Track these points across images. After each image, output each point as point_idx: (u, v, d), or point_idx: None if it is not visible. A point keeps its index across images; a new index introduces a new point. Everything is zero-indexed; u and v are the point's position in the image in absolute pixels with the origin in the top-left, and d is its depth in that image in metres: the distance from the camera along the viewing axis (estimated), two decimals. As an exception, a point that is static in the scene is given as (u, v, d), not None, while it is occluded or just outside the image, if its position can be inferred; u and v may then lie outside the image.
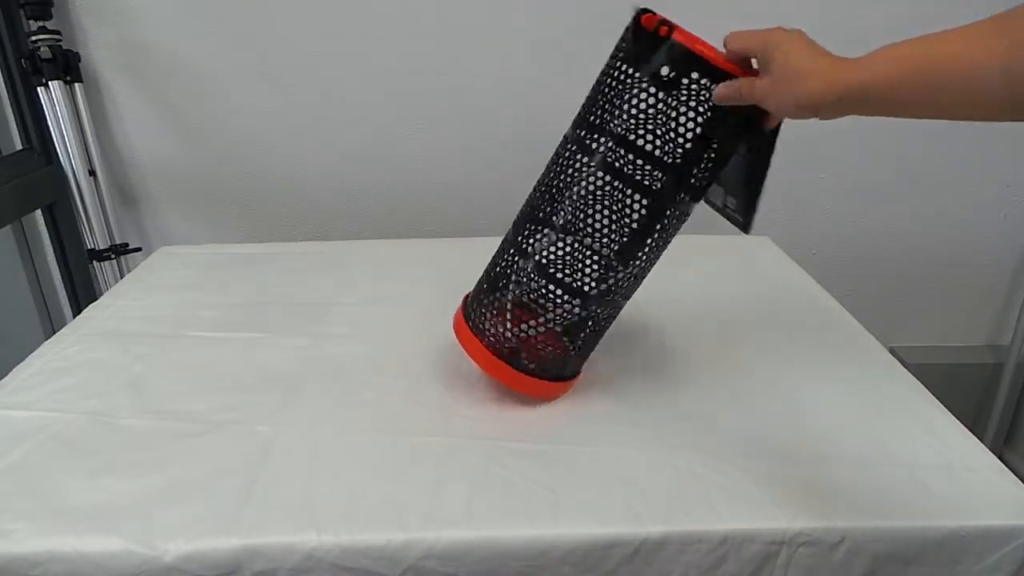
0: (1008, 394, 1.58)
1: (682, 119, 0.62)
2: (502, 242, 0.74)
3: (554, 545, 0.58)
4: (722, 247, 1.17)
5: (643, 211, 0.65)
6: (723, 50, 0.60)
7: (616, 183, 0.65)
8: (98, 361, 0.85)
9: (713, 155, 0.64)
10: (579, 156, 0.66)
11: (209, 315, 0.96)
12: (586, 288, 0.69)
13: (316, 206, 1.47)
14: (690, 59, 0.60)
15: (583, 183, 0.66)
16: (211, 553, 0.57)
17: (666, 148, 0.63)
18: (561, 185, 0.68)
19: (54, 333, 0.92)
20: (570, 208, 0.67)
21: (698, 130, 0.62)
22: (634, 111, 0.63)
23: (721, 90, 0.59)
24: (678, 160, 0.63)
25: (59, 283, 1.46)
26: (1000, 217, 1.52)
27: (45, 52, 1.23)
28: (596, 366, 0.81)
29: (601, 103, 0.65)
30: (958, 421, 0.74)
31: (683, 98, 0.61)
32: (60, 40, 1.26)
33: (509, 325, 0.72)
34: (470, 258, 0.81)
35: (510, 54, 1.35)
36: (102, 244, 1.38)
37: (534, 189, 0.72)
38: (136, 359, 0.85)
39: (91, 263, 1.41)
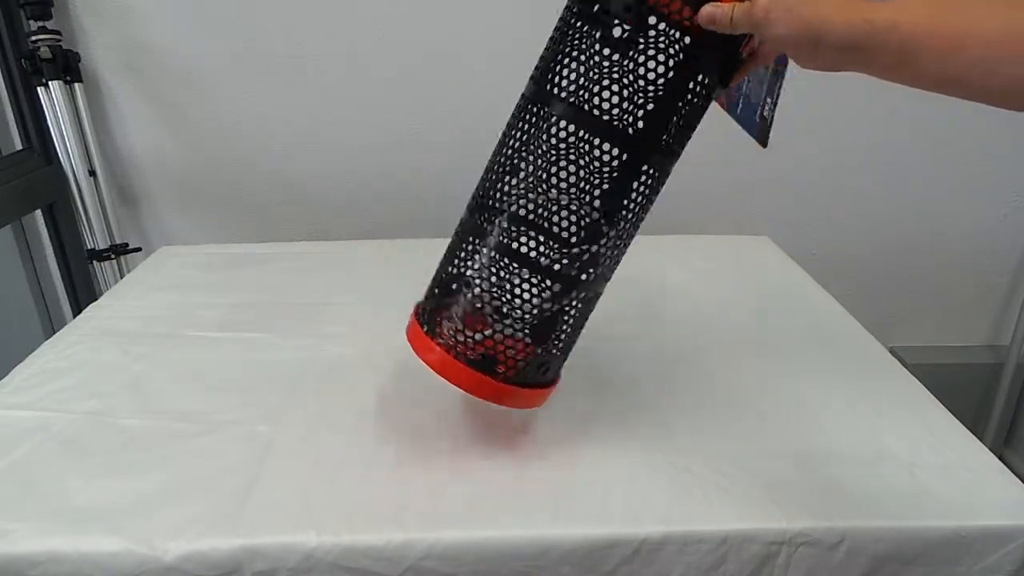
0: (1008, 394, 1.58)
1: (658, 54, 0.55)
2: (458, 230, 0.65)
3: (554, 545, 0.58)
4: (722, 247, 1.17)
5: (618, 162, 0.58)
6: None
7: (582, 132, 0.57)
8: (98, 361, 0.85)
9: (690, 95, 0.57)
10: (539, 107, 0.59)
11: (209, 315, 0.96)
12: (561, 269, 0.62)
13: (316, 206, 1.47)
14: None
15: (545, 138, 0.58)
16: (211, 553, 0.57)
17: (638, 85, 0.56)
18: (522, 149, 0.60)
19: (54, 333, 0.92)
20: (533, 173, 0.59)
21: (673, 62, 0.55)
22: (603, 44, 0.55)
23: (709, 9, 0.51)
24: (651, 101, 0.56)
25: (59, 283, 1.46)
26: (1000, 217, 1.52)
27: (45, 52, 1.23)
28: (595, 366, 0.81)
29: (562, 44, 0.58)
30: (958, 421, 0.74)
31: (658, 29, 0.54)
32: (60, 40, 1.25)
33: (479, 327, 0.63)
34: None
35: (512, 53, 1.35)
36: (102, 244, 1.38)
37: (489, 165, 0.64)
38: (136, 359, 0.85)
39: (91, 263, 1.41)
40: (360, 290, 1.04)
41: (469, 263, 0.64)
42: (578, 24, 0.57)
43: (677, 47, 0.55)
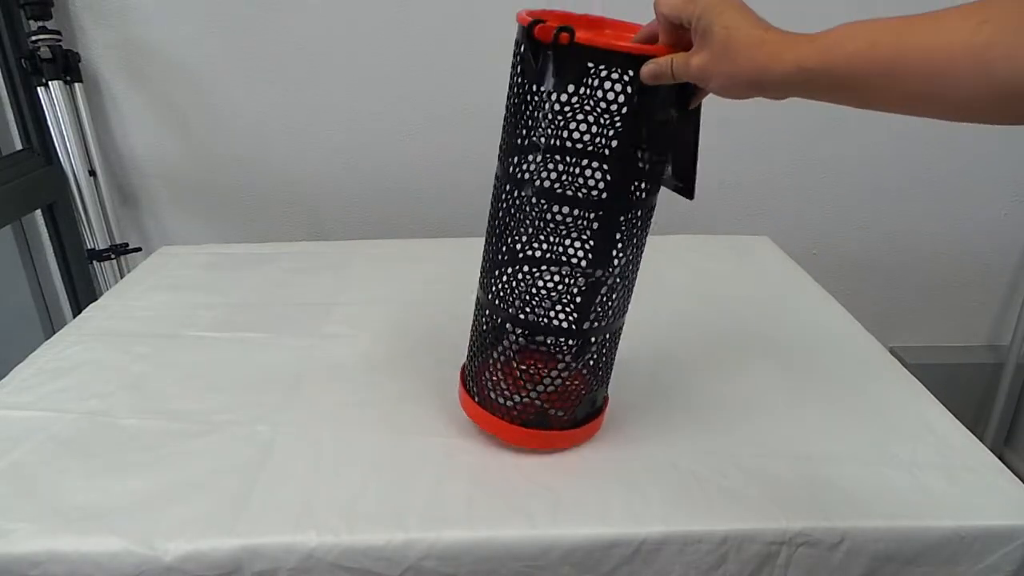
0: (1008, 394, 1.58)
1: (610, 108, 0.57)
2: (475, 303, 0.70)
3: (554, 545, 0.58)
4: (722, 247, 1.17)
5: (596, 222, 0.63)
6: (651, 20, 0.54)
7: (555, 204, 0.62)
8: (98, 361, 0.85)
9: (650, 136, 0.58)
10: (513, 191, 0.62)
11: (209, 315, 0.96)
12: (573, 326, 0.69)
13: (316, 206, 1.47)
14: (607, 56, 0.54)
15: (524, 216, 0.62)
16: (211, 553, 0.57)
17: (598, 141, 0.60)
18: (508, 226, 0.64)
19: (54, 333, 0.92)
20: (525, 245, 0.66)
21: (624, 112, 0.57)
22: (556, 117, 0.59)
23: (650, 68, 0.53)
24: (615, 150, 0.59)
25: (59, 283, 1.46)
26: (1000, 217, 1.52)
27: (45, 52, 1.23)
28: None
29: (519, 126, 0.60)
30: (958, 421, 0.74)
31: (604, 91, 0.56)
32: (60, 40, 1.25)
33: (520, 390, 0.66)
34: (471, 258, 0.81)
35: (511, 53, 1.35)
36: (102, 244, 1.38)
37: (486, 236, 0.68)
38: (136, 359, 0.85)
39: (91, 263, 1.41)
40: (360, 290, 1.04)
41: (491, 335, 0.68)
42: (528, 86, 0.59)
43: (629, 88, 0.56)
